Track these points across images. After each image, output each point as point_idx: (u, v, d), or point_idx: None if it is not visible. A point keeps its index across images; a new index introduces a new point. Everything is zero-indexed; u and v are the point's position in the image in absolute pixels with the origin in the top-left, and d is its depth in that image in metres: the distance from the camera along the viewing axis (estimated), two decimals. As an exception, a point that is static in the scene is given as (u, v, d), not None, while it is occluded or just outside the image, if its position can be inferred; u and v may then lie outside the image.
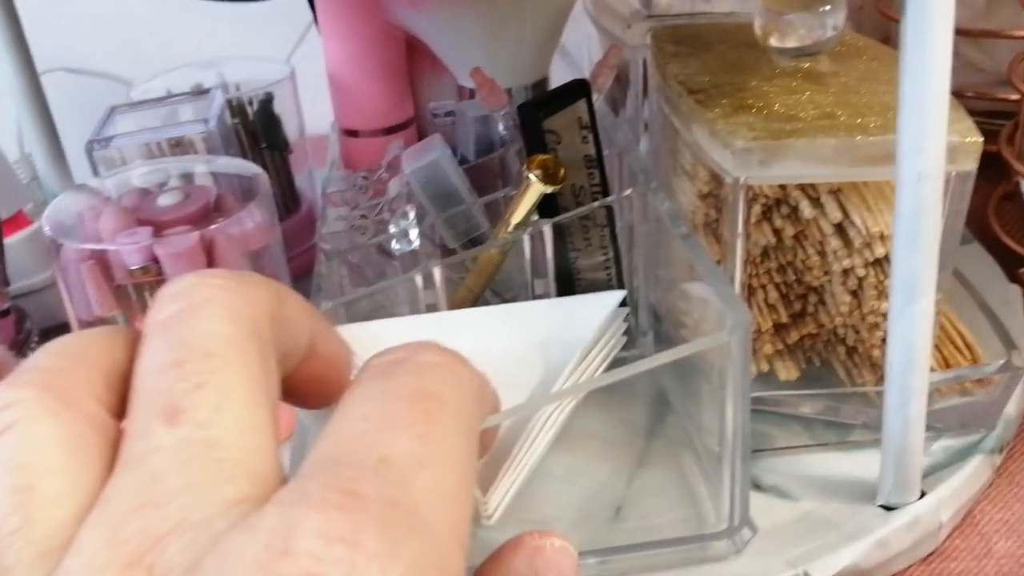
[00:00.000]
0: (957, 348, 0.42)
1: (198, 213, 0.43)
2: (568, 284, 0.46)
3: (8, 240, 0.62)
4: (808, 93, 0.37)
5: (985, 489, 0.40)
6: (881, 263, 0.37)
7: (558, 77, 0.57)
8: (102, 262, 0.42)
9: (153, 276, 0.41)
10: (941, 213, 0.36)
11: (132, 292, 0.42)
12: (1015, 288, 0.51)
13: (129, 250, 0.41)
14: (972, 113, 0.72)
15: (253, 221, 0.43)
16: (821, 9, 0.39)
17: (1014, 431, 0.42)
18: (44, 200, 0.56)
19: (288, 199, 0.58)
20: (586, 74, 0.52)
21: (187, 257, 0.41)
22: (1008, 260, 0.54)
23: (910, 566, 0.37)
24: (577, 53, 0.60)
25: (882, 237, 0.36)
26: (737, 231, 0.36)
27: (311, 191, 0.60)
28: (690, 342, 0.32)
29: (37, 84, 0.47)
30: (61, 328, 0.45)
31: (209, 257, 0.42)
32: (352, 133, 0.60)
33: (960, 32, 0.65)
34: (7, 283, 0.61)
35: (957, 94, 0.71)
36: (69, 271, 0.42)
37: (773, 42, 0.39)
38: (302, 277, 0.48)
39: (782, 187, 0.37)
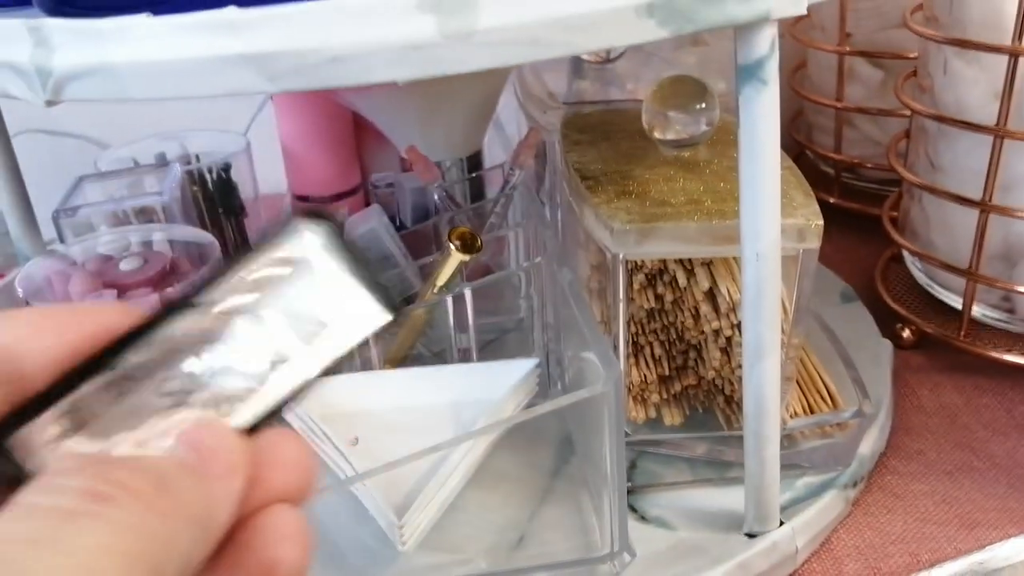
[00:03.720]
0: (821, 397, 0.49)
1: (156, 276, 0.49)
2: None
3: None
4: (682, 181, 0.44)
5: (842, 519, 0.46)
6: (744, 325, 0.43)
7: (493, 150, 0.64)
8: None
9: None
10: (792, 284, 0.43)
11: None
12: (887, 343, 0.57)
13: (96, 310, 0.46)
14: (870, 182, 0.80)
15: (207, 283, 0.48)
16: (697, 107, 0.45)
17: (869, 468, 0.48)
18: (14, 255, 0.60)
19: (244, 259, 0.63)
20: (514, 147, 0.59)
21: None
22: (889, 317, 0.61)
23: (771, 586, 0.43)
24: (509, 127, 0.67)
25: (743, 303, 0.43)
26: (619, 297, 0.42)
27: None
28: (569, 393, 0.38)
29: (9, 146, 0.51)
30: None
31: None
32: (304, 199, 0.66)
33: (859, 110, 0.73)
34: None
35: (858, 165, 0.79)
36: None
37: (656, 135, 0.46)
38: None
39: (662, 260, 0.44)
